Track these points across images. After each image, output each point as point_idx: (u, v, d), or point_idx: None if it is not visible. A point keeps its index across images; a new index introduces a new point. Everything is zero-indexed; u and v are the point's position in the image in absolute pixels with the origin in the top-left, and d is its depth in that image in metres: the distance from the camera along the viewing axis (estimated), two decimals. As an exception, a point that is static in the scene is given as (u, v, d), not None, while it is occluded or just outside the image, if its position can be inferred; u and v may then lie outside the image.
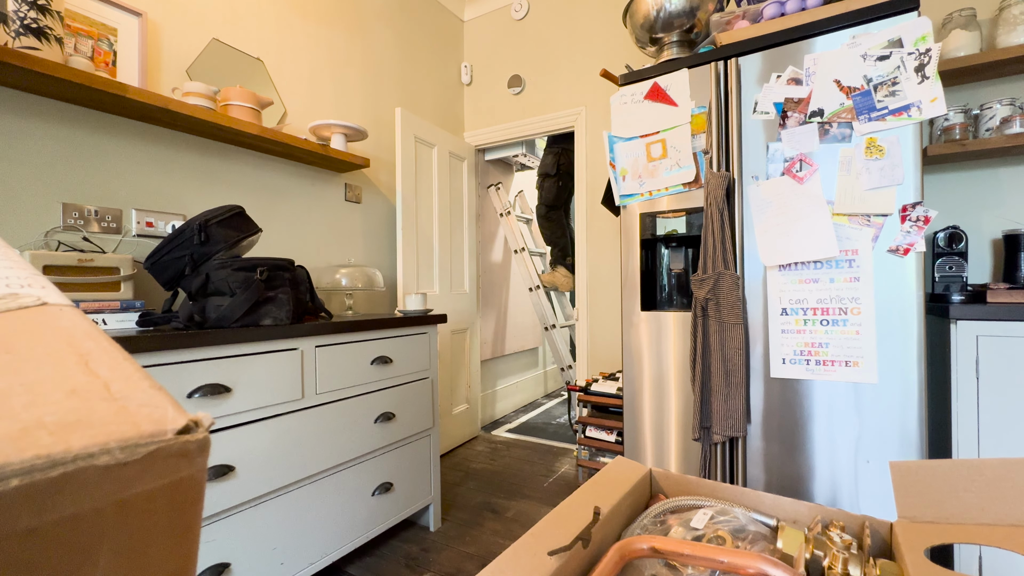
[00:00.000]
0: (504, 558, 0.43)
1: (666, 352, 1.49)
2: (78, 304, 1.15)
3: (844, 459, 1.23)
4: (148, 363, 1.01)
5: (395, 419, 1.61)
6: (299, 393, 1.31)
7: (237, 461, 1.15)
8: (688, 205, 1.45)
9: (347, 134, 1.97)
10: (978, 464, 0.48)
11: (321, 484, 1.37)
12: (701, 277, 1.36)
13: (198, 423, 0.18)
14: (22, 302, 0.21)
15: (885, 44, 1.17)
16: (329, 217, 2.11)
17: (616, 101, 1.57)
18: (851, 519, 0.53)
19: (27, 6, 1.13)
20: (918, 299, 1.16)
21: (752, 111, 1.34)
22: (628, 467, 0.65)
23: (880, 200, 1.19)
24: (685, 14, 1.56)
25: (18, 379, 0.16)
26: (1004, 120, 1.48)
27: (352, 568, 1.51)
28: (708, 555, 0.43)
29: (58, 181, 1.29)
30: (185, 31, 1.59)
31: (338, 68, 2.17)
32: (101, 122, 1.38)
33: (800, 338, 1.28)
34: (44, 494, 0.13)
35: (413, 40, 2.64)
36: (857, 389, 1.22)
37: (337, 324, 1.41)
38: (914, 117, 1.15)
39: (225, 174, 1.70)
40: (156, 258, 1.23)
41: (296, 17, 1.97)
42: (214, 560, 1.10)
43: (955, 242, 1.49)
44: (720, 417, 1.33)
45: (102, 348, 0.20)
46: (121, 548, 0.16)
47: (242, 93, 1.60)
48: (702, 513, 0.55)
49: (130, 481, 0.15)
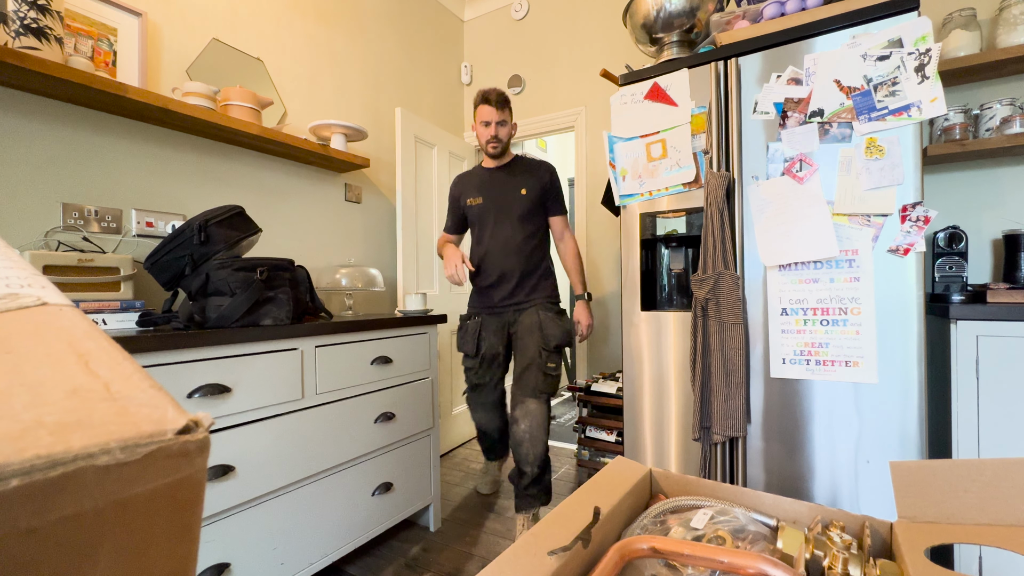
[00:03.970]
0: (504, 558, 0.43)
1: (666, 352, 1.49)
2: (78, 304, 1.15)
3: (844, 459, 1.23)
4: (148, 363, 1.01)
5: (395, 419, 1.61)
6: (299, 393, 1.31)
7: (237, 461, 1.15)
8: (688, 205, 1.45)
9: (347, 134, 1.97)
10: (978, 464, 0.48)
11: (321, 484, 1.37)
12: (701, 277, 1.36)
13: (198, 423, 0.18)
14: (22, 302, 0.21)
15: (885, 44, 1.17)
16: (329, 217, 2.11)
17: (616, 101, 1.57)
18: (851, 519, 0.53)
19: (27, 6, 1.13)
20: (918, 299, 1.16)
21: (752, 111, 1.34)
22: (628, 467, 0.65)
23: (880, 200, 1.19)
24: (685, 14, 1.56)
25: (18, 379, 0.16)
26: (1004, 120, 1.48)
27: (352, 568, 1.51)
28: (708, 555, 0.43)
29: (58, 181, 1.29)
30: (185, 31, 1.59)
31: (338, 68, 2.17)
32: (101, 122, 1.38)
33: (800, 338, 1.28)
34: (44, 494, 0.13)
35: (413, 40, 2.64)
36: (857, 389, 1.22)
37: (337, 324, 1.41)
38: (914, 117, 1.15)
39: (225, 174, 1.70)
40: (156, 258, 1.23)
41: (296, 17, 1.97)
42: (214, 560, 1.10)
43: (955, 242, 1.49)
44: (720, 417, 1.33)
45: (102, 348, 0.20)
46: (121, 548, 0.16)
47: (242, 93, 1.60)
48: (702, 513, 0.55)
49: (130, 481, 0.15)
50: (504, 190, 1.78)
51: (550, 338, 1.67)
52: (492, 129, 1.73)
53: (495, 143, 1.75)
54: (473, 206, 1.80)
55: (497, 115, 1.71)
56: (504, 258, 1.75)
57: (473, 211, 1.81)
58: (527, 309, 1.73)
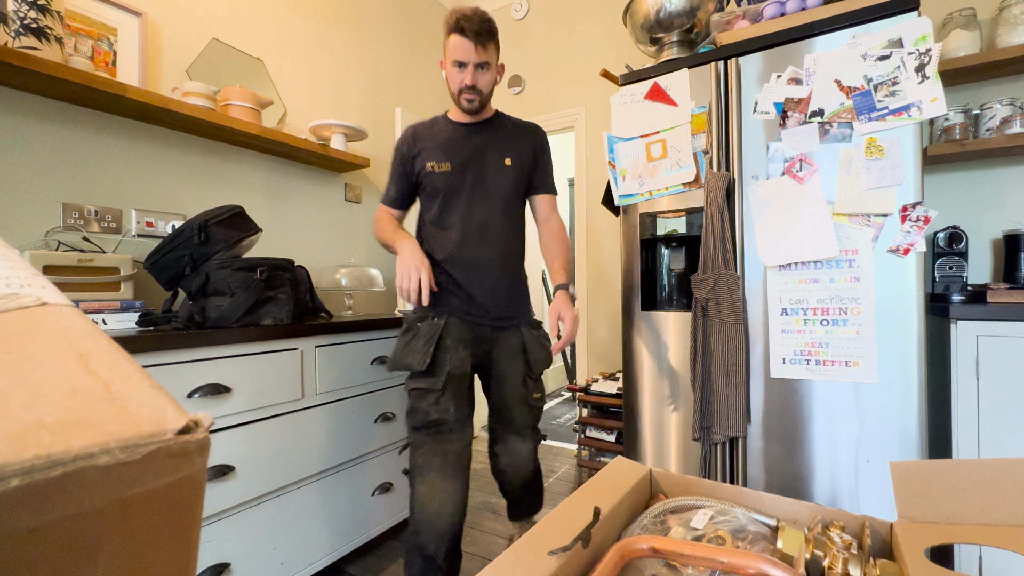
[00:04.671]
0: (504, 558, 0.43)
1: (666, 352, 1.49)
2: (78, 304, 1.15)
3: (844, 459, 1.23)
4: (148, 363, 1.01)
5: (395, 419, 1.61)
6: (299, 393, 1.31)
7: (237, 461, 1.15)
8: (688, 205, 1.45)
9: (347, 134, 1.97)
10: (978, 464, 0.48)
11: (321, 484, 1.37)
12: (701, 277, 1.36)
13: (198, 423, 0.18)
14: (22, 302, 0.21)
15: (885, 44, 1.17)
16: (329, 217, 2.11)
17: (616, 101, 1.57)
18: (851, 519, 0.53)
19: (27, 6, 1.13)
20: (918, 299, 1.16)
21: (752, 111, 1.34)
22: (628, 467, 0.65)
23: (880, 200, 1.19)
24: (685, 14, 1.56)
25: (18, 379, 0.16)
26: (1004, 120, 1.48)
27: (352, 568, 1.51)
28: (708, 555, 0.43)
29: (58, 181, 1.29)
30: (185, 31, 1.59)
31: (338, 68, 2.17)
32: (101, 122, 1.38)
33: (800, 338, 1.28)
34: (44, 494, 0.13)
35: (413, 40, 2.64)
36: (857, 389, 1.22)
37: (337, 324, 1.41)
38: (914, 117, 1.15)
39: (225, 174, 1.70)
40: (156, 258, 1.23)
41: (296, 17, 1.97)
42: (214, 560, 1.10)
43: (955, 242, 1.49)
44: (720, 417, 1.33)
45: (102, 348, 0.20)
46: (121, 548, 0.16)
47: (242, 93, 1.60)
48: (702, 513, 0.55)
49: (130, 481, 0.15)
50: (482, 158, 1.28)
51: (535, 364, 1.28)
52: (468, 75, 1.18)
53: (471, 95, 1.21)
54: (436, 173, 1.25)
55: (476, 54, 1.16)
56: (479, 251, 1.25)
57: (436, 180, 1.25)
58: (508, 328, 1.29)
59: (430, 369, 1.18)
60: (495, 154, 1.29)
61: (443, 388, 1.18)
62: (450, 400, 1.18)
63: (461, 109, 1.26)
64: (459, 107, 1.26)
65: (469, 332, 1.25)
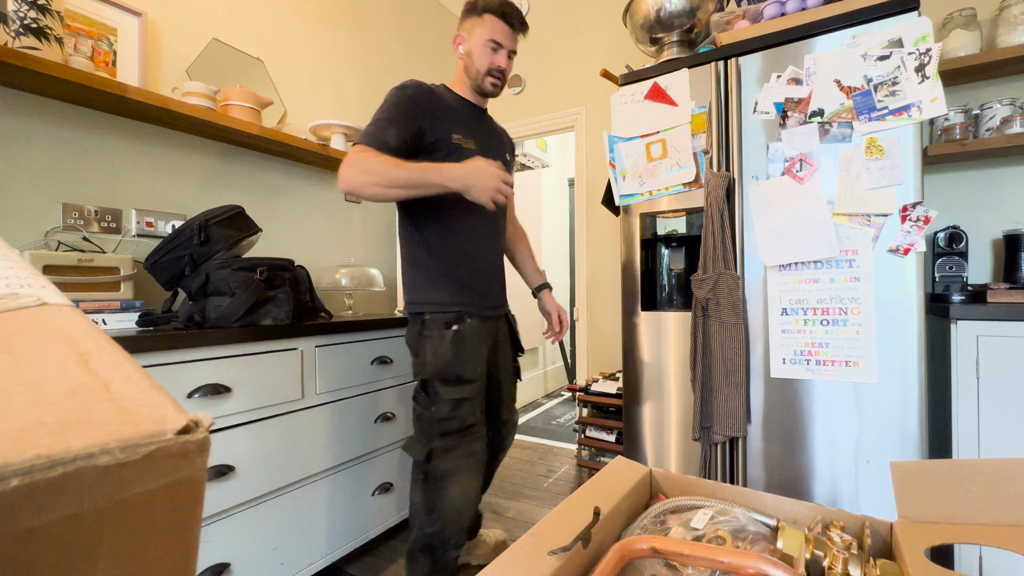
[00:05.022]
0: (504, 558, 0.43)
1: (666, 352, 1.49)
2: (78, 304, 1.15)
3: (844, 459, 1.23)
4: (148, 363, 1.01)
5: (395, 419, 1.61)
6: (299, 393, 1.31)
7: (237, 461, 1.15)
8: (688, 205, 1.45)
9: (347, 134, 1.97)
10: (978, 464, 0.48)
11: (321, 484, 1.37)
12: (701, 277, 1.36)
13: (198, 423, 0.18)
14: (22, 302, 0.21)
15: (885, 44, 1.17)
16: (329, 217, 2.11)
17: (616, 101, 1.57)
18: (851, 519, 0.53)
19: (27, 6, 1.12)
20: (918, 299, 1.16)
21: (752, 111, 1.34)
22: (628, 467, 0.65)
23: (880, 200, 1.19)
24: (685, 14, 1.56)
25: (18, 379, 0.16)
26: (1004, 120, 1.48)
27: (352, 568, 1.51)
28: (708, 555, 0.43)
29: (58, 181, 1.29)
30: (185, 31, 1.59)
31: (338, 68, 2.17)
32: (101, 122, 1.38)
33: (800, 338, 1.28)
34: (44, 494, 0.13)
35: (413, 40, 2.64)
36: (857, 389, 1.22)
37: (337, 324, 1.41)
38: (914, 117, 1.15)
39: (225, 174, 1.70)
40: (156, 258, 1.23)
41: (296, 17, 1.97)
42: (214, 560, 1.10)
43: (955, 242, 1.49)
44: (720, 417, 1.33)
45: (102, 348, 0.20)
46: (121, 548, 0.16)
47: (242, 93, 1.60)
48: (702, 513, 0.55)
49: (130, 481, 0.15)
50: (494, 145, 1.30)
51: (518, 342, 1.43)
52: (503, 57, 1.21)
53: (498, 79, 1.23)
54: (464, 149, 1.19)
55: (513, 41, 1.22)
56: (498, 240, 1.32)
57: (463, 157, 1.13)
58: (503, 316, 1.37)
59: (477, 374, 1.18)
60: (500, 145, 1.34)
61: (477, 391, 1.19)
62: (478, 402, 1.19)
63: (480, 90, 1.24)
64: (478, 87, 1.24)
65: (484, 327, 1.25)
